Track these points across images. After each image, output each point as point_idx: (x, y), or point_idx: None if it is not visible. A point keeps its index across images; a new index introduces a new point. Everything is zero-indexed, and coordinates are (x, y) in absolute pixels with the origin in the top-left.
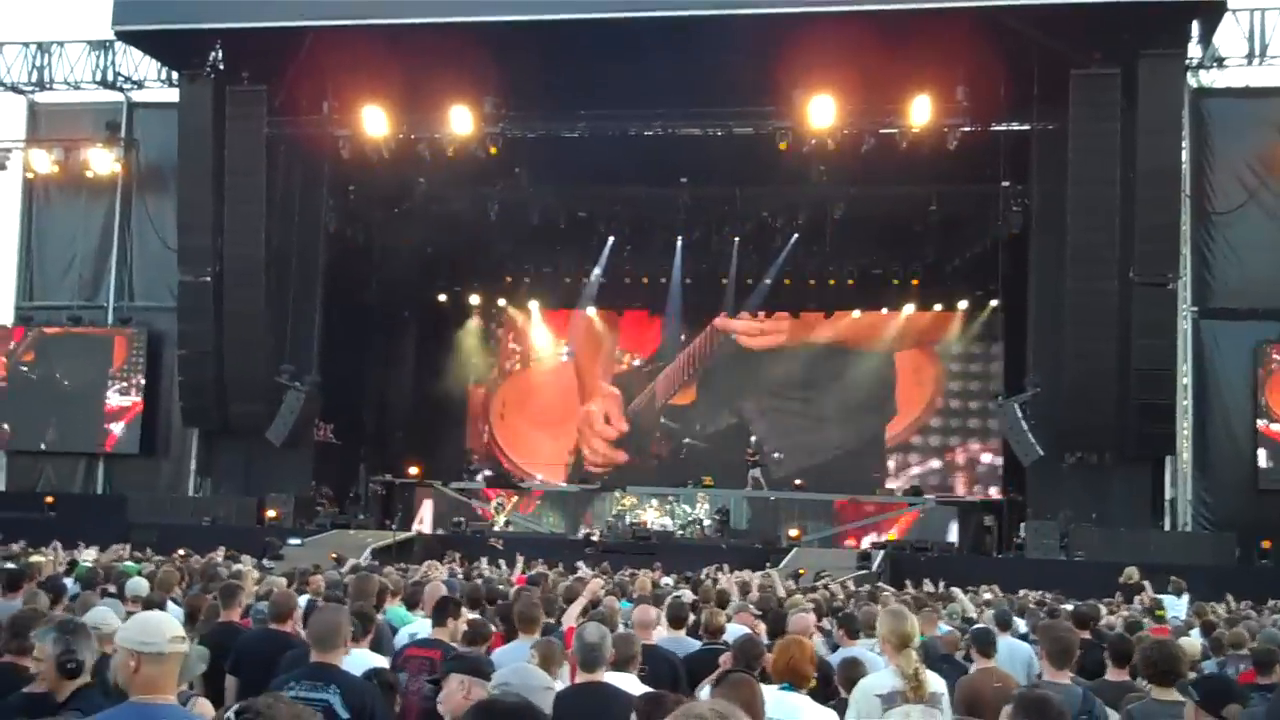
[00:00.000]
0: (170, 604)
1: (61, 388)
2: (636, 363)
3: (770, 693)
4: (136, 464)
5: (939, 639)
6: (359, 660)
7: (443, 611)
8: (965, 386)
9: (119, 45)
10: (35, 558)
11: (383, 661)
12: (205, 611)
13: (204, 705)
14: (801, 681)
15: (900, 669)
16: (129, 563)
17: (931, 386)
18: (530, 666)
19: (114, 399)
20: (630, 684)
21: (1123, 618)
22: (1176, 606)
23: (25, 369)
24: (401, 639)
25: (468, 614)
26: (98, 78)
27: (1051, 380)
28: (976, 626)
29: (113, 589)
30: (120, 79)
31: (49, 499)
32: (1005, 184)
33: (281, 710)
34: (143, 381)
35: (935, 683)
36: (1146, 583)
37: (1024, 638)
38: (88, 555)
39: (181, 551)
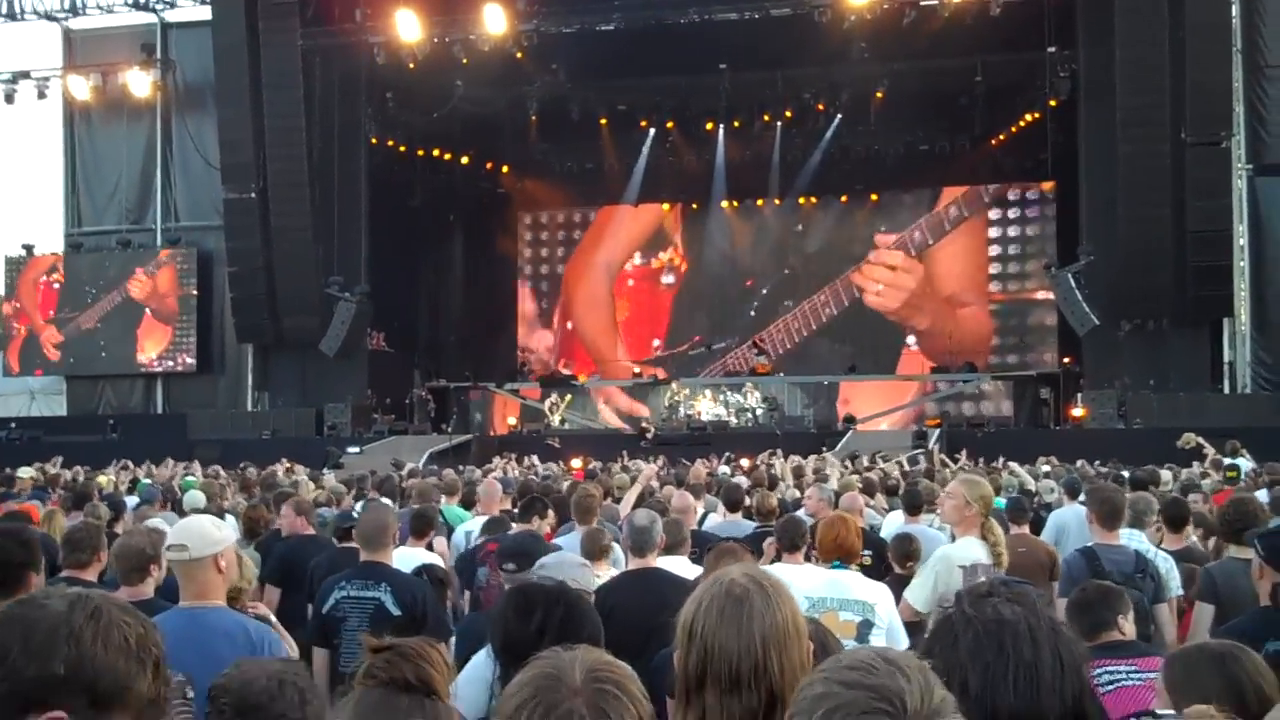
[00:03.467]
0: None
1: (118, 308)
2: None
3: (820, 571)
4: (194, 382)
5: (1001, 512)
6: (411, 558)
7: (529, 510)
8: (1019, 257)
9: None
10: (100, 478)
11: (435, 558)
12: (267, 520)
13: (259, 608)
14: (850, 557)
15: (994, 538)
16: (190, 477)
17: (985, 259)
18: (567, 552)
19: (168, 320)
20: (682, 567)
21: (1181, 482)
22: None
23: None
24: (458, 538)
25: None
26: (130, 0)
27: (1105, 248)
28: (1011, 495)
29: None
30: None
31: (110, 421)
32: (1051, 50)
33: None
34: (195, 300)
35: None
36: (1208, 446)
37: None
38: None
39: (242, 465)
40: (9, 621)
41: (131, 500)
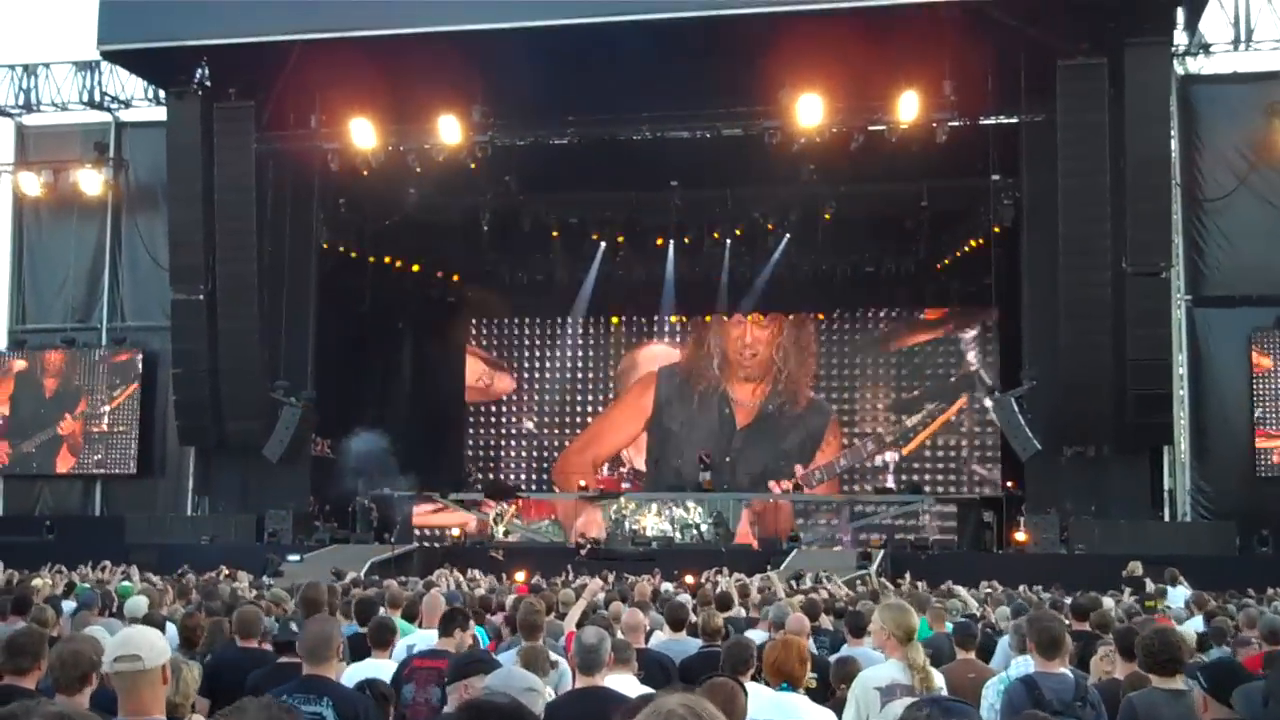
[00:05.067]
0: (168, 624)
1: (58, 410)
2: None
3: (767, 694)
4: (134, 484)
5: (945, 635)
6: (358, 672)
7: (450, 622)
8: (960, 382)
9: (105, 65)
10: (35, 581)
11: (382, 673)
12: (203, 630)
13: None
14: (796, 681)
15: (911, 661)
16: (126, 583)
17: (926, 382)
18: (516, 669)
19: (112, 420)
20: (630, 686)
21: (1124, 609)
22: (1174, 597)
23: (22, 392)
24: (399, 651)
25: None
26: (85, 98)
27: (1047, 373)
28: (958, 620)
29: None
30: (107, 99)
31: (47, 522)
32: (995, 178)
33: (254, 711)
34: (139, 401)
35: (938, 679)
36: (1147, 579)
37: None
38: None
39: (181, 570)
40: None
41: (68, 605)
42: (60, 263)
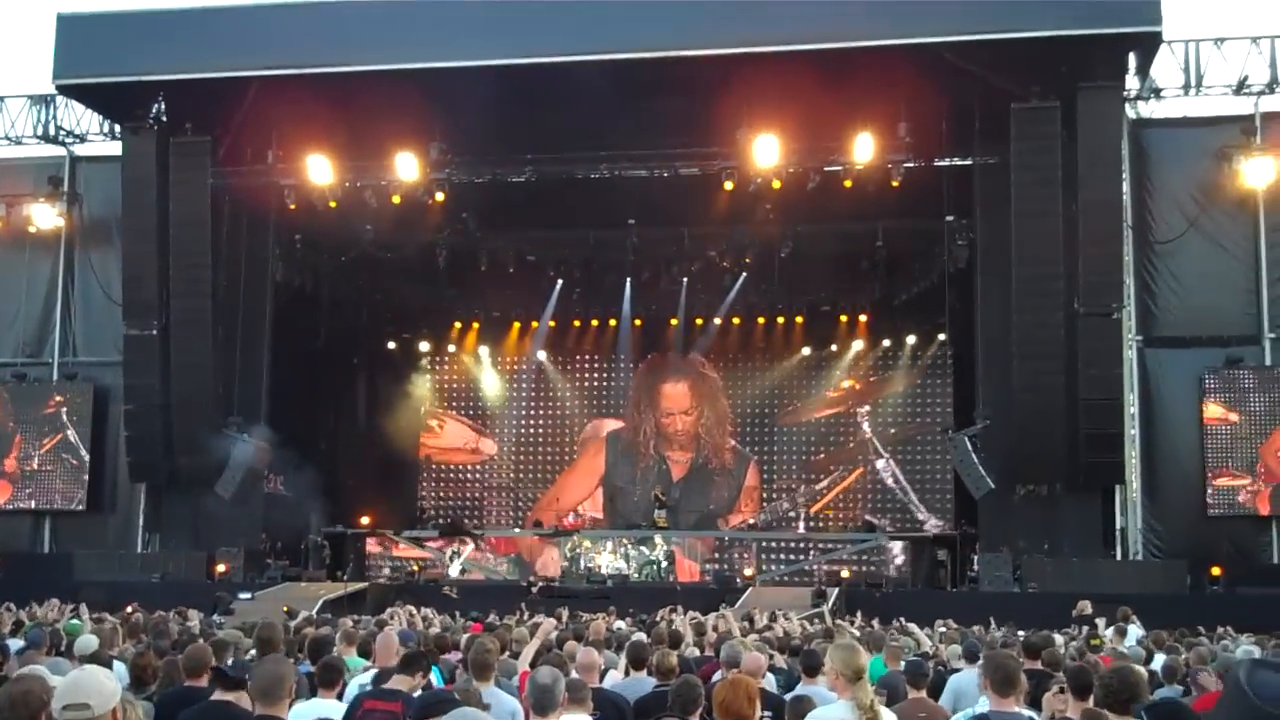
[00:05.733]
0: (116, 662)
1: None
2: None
3: None
4: (83, 521)
5: (899, 674)
6: (306, 711)
7: (413, 664)
8: (915, 421)
9: (60, 99)
10: None
11: (340, 710)
12: (155, 669)
13: None
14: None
15: (857, 701)
16: (75, 620)
17: (880, 422)
18: (471, 710)
19: (62, 455)
20: None
21: (1073, 647)
22: (1129, 636)
23: None
24: (351, 689)
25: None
26: (39, 132)
27: (1001, 413)
28: (909, 659)
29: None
30: (62, 133)
31: None
32: (950, 219)
33: None
34: (89, 436)
35: (889, 718)
36: (1098, 620)
37: None
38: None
39: (129, 608)
40: None
41: (15, 643)
42: (12, 297)
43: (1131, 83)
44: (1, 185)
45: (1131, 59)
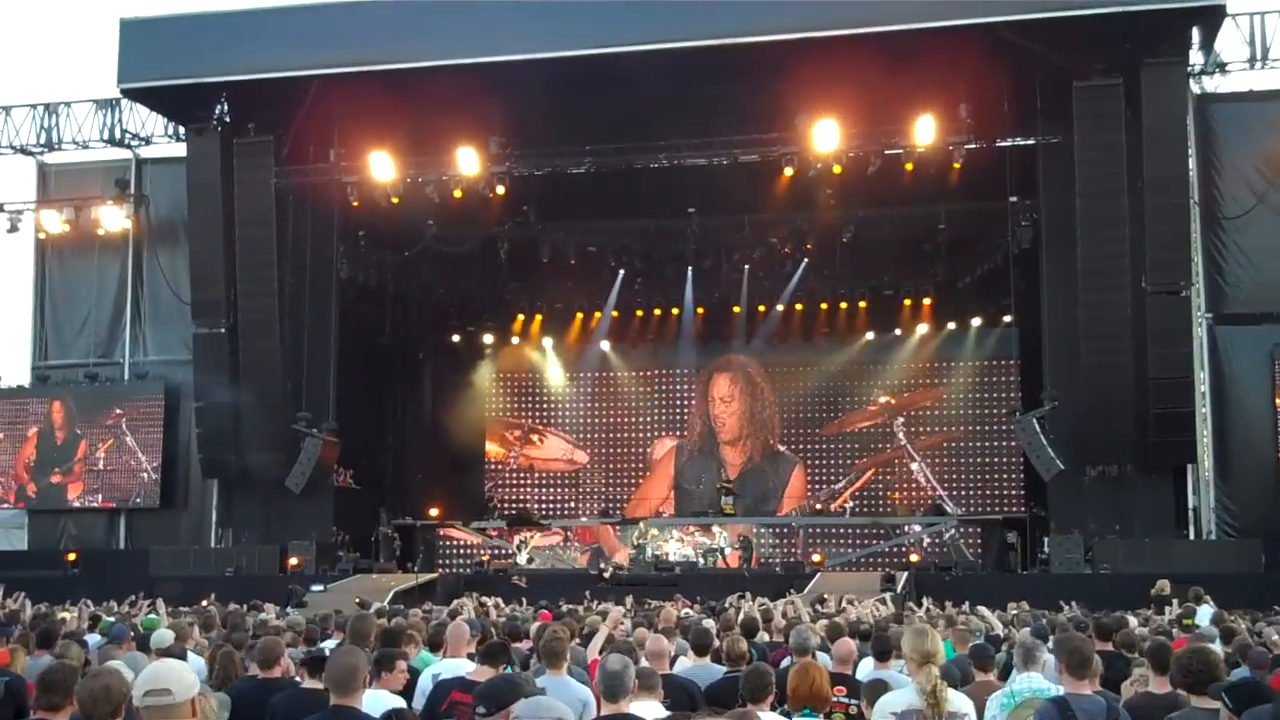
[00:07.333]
0: (191, 655)
1: (80, 442)
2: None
3: None
4: (158, 517)
5: (966, 658)
6: (377, 701)
7: (496, 655)
8: (983, 403)
9: (125, 103)
10: (62, 614)
11: (401, 702)
12: (223, 661)
13: None
14: (820, 705)
15: (920, 686)
16: (152, 615)
17: (949, 405)
18: (545, 698)
19: (135, 454)
20: (654, 712)
21: (1151, 629)
22: (1200, 616)
23: (46, 429)
24: (425, 681)
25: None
26: (105, 136)
27: (1069, 394)
28: (976, 642)
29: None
30: (128, 136)
31: (71, 556)
32: (1013, 199)
33: None
34: (161, 435)
35: (958, 701)
36: (1174, 598)
37: None
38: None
39: (204, 602)
40: None
41: (93, 639)
42: (83, 299)
43: (1195, 57)
44: (70, 189)
45: (1195, 33)
